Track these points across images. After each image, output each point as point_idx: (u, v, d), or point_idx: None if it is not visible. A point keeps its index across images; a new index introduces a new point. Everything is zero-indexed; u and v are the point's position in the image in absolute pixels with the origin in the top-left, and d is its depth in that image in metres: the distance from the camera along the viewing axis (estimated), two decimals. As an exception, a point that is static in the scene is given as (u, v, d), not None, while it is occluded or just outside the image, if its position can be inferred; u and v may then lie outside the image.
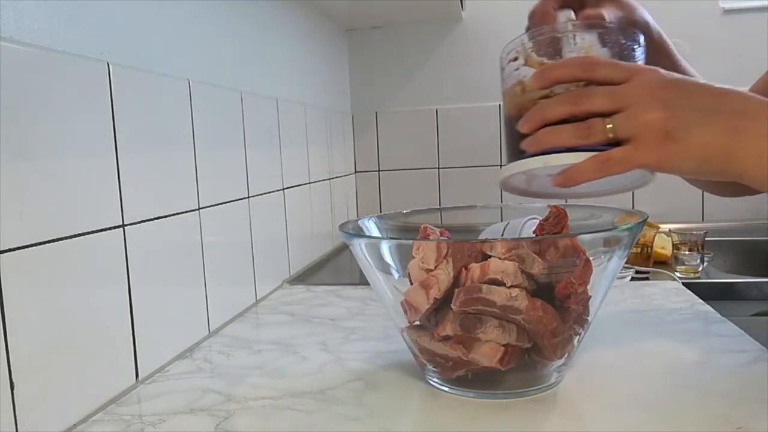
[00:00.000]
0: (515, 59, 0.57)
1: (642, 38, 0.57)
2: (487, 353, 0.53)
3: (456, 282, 0.54)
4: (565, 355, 0.56)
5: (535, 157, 0.53)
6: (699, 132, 0.48)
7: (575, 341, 0.56)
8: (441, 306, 0.55)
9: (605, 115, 0.50)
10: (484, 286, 0.52)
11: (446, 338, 0.54)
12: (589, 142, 0.50)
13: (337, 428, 0.51)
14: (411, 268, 0.55)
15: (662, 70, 0.51)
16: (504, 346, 0.53)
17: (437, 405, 0.55)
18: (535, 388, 0.56)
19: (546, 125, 0.52)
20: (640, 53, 0.57)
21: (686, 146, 0.48)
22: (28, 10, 0.51)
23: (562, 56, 0.56)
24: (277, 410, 0.55)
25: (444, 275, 0.53)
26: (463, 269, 0.54)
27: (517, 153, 0.55)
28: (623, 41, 0.56)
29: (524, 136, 0.54)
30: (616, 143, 0.50)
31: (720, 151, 0.48)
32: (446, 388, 0.57)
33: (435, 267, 0.54)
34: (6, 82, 0.47)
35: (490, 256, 0.53)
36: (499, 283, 0.52)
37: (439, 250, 0.54)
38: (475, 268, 0.53)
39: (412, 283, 0.55)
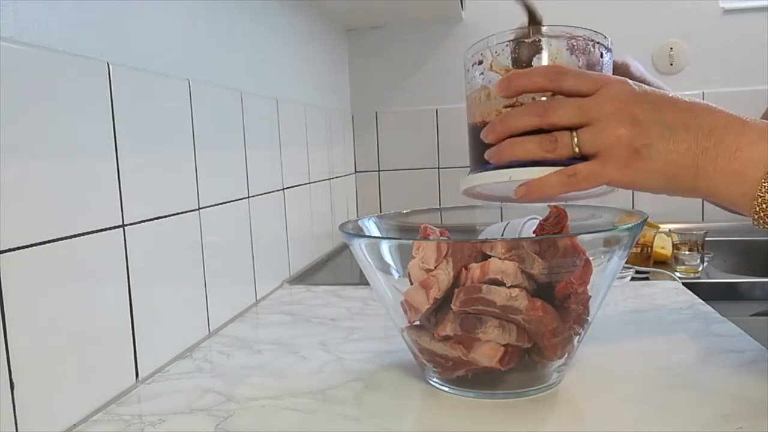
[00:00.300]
0: (480, 63, 0.56)
1: (610, 42, 0.56)
2: (487, 353, 0.53)
3: (456, 282, 0.54)
4: (565, 355, 0.56)
5: (498, 171, 0.52)
6: (667, 150, 0.47)
7: (575, 341, 0.56)
8: (441, 306, 0.55)
9: (572, 128, 0.49)
10: (484, 286, 0.52)
11: (446, 338, 0.54)
12: (554, 156, 0.49)
13: (337, 428, 0.51)
14: (411, 268, 0.55)
15: (631, 82, 0.50)
16: (504, 346, 0.53)
17: (437, 405, 0.55)
18: (535, 388, 0.56)
19: (510, 136, 0.51)
20: (608, 59, 0.56)
21: (654, 164, 0.48)
22: (28, 10, 0.51)
23: (530, 63, 0.54)
24: (277, 410, 0.55)
25: (444, 275, 0.53)
26: (463, 269, 0.54)
27: (481, 162, 0.55)
28: (591, 47, 0.55)
29: (488, 144, 0.53)
30: (581, 157, 0.49)
31: (688, 170, 0.47)
32: (446, 388, 0.57)
33: (435, 267, 0.54)
34: (6, 82, 0.47)
35: (490, 256, 0.53)
36: (499, 283, 0.52)
37: (439, 250, 0.54)
38: (475, 268, 0.53)
39: (412, 283, 0.55)
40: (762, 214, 0.46)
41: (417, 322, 0.58)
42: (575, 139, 0.49)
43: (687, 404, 0.53)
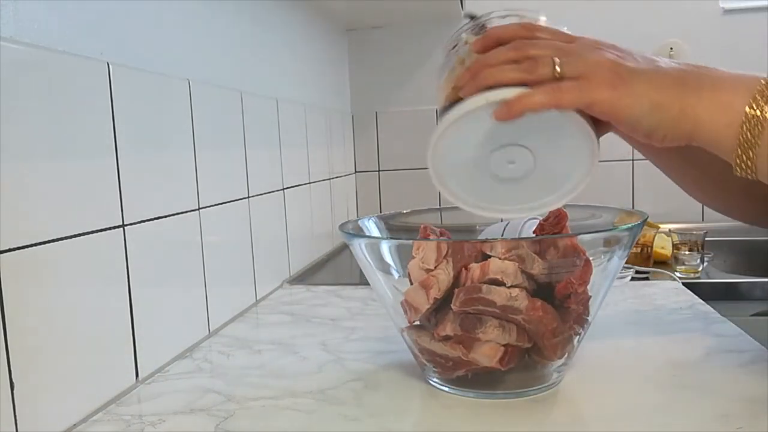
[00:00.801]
0: (454, 46, 0.54)
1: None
2: (487, 353, 0.53)
3: (456, 282, 0.54)
4: (565, 355, 0.56)
5: (473, 98, 0.48)
6: (651, 77, 0.47)
7: (575, 341, 0.56)
8: (441, 306, 0.55)
9: None
10: (484, 286, 0.52)
11: (446, 338, 0.54)
12: (534, 77, 0.47)
13: (337, 428, 0.51)
14: (411, 268, 0.55)
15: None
16: (504, 346, 0.53)
17: (437, 405, 0.55)
18: (535, 388, 0.56)
19: None
20: None
21: (639, 87, 0.46)
22: (28, 10, 0.51)
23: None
24: (277, 410, 0.55)
25: (444, 275, 0.53)
26: (463, 269, 0.54)
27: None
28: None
29: None
30: None
31: (673, 99, 0.46)
32: (446, 388, 0.57)
33: (435, 267, 0.54)
34: (6, 82, 0.47)
35: (490, 256, 0.53)
36: (499, 283, 0.52)
37: (439, 250, 0.54)
38: (475, 268, 0.53)
39: (412, 283, 0.55)
40: (745, 146, 0.44)
41: (417, 322, 0.58)
42: (557, 61, 0.47)
43: (687, 404, 0.53)
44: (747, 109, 0.44)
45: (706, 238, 1.16)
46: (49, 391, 0.51)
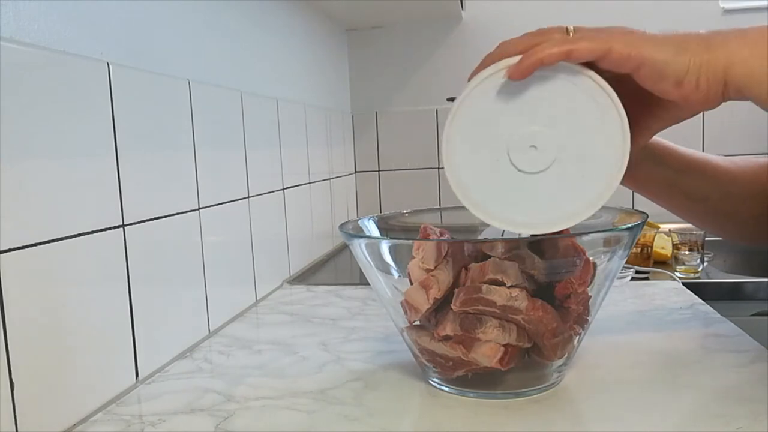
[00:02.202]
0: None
1: None
2: (487, 353, 0.53)
3: (456, 282, 0.54)
4: (565, 355, 0.56)
5: (488, 68, 0.48)
6: (670, 35, 0.45)
7: (575, 341, 0.56)
8: (441, 306, 0.55)
9: None
10: (484, 286, 0.52)
11: (446, 338, 0.54)
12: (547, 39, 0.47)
13: (337, 428, 0.51)
14: (411, 268, 0.55)
15: None
16: (504, 346, 0.53)
17: (437, 405, 0.55)
18: (535, 388, 0.56)
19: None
20: None
21: (658, 38, 0.44)
22: (28, 10, 0.51)
23: None
24: (277, 410, 0.55)
25: (444, 275, 0.53)
26: (463, 269, 0.54)
27: None
28: None
29: None
30: None
31: (698, 41, 0.44)
32: (446, 388, 0.57)
33: (435, 267, 0.54)
34: (6, 82, 0.47)
35: (490, 256, 0.53)
36: (499, 283, 0.52)
37: (439, 250, 0.54)
38: (475, 268, 0.53)
39: (412, 283, 0.55)
40: None
41: (417, 322, 0.58)
42: (570, 28, 0.46)
43: (687, 404, 0.53)
44: None
45: (706, 238, 1.15)
46: (49, 391, 0.51)
